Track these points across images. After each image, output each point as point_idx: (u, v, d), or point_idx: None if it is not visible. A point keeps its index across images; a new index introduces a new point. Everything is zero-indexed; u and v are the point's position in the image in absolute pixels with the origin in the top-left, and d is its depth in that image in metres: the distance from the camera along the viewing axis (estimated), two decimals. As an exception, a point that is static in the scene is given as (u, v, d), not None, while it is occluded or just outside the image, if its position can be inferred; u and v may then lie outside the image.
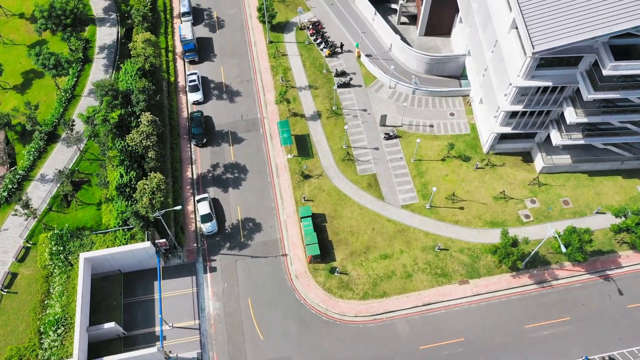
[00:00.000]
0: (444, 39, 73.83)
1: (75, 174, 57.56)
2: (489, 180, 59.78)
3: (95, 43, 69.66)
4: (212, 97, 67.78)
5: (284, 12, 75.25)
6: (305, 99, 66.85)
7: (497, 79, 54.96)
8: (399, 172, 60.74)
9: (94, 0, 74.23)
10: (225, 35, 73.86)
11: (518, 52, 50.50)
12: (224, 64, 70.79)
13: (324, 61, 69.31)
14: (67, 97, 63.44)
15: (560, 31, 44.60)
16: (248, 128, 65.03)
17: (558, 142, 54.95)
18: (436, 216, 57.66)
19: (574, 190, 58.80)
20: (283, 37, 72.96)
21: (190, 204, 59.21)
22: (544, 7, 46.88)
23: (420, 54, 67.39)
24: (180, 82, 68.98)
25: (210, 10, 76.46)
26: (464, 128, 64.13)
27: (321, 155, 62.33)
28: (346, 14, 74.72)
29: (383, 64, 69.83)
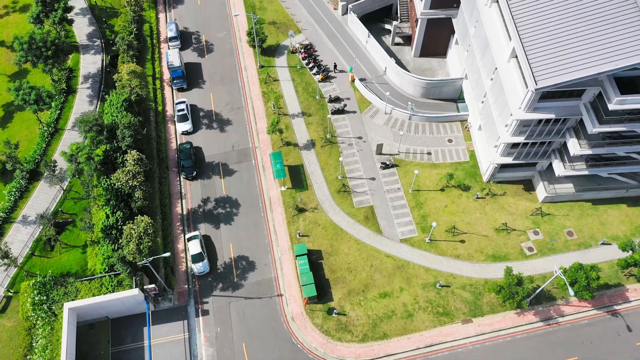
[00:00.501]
0: (440, 59, 71.88)
1: (59, 215, 55.00)
2: (490, 211, 57.76)
3: (79, 72, 67.07)
4: (201, 126, 65.40)
5: (274, 35, 73.00)
6: (299, 127, 64.61)
7: (498, 109, 52.97)
8: (397, 203, 58.61)
9: (77, 27, 71.62)
10: (214, 60, 71.49)
11: (519, 82, 48.56)
12: (214, 91, 68.42)
13: (317, 86, 67.11)
14: (49, 131, 60.86)
15: (563, 65, 42.65)
16: (239, 159, 62.68)
17: (561, 173, 53.02)
18: (436, 250, 55.58)
19: (578, 220, 56.89)
20: (274, 61, 70.67)
21: (181, 242, 56.79)
22: (545, 38, 44.94)
23: (417, 79, 65.38)
24: (169, 111, 66.54)
25: (198, 34, 74.08)
26: (463, 155, 62.09)
27: (316, 187, 60.10)
28: (339, 36, 72.58)
29: (378, 88, 67.77)
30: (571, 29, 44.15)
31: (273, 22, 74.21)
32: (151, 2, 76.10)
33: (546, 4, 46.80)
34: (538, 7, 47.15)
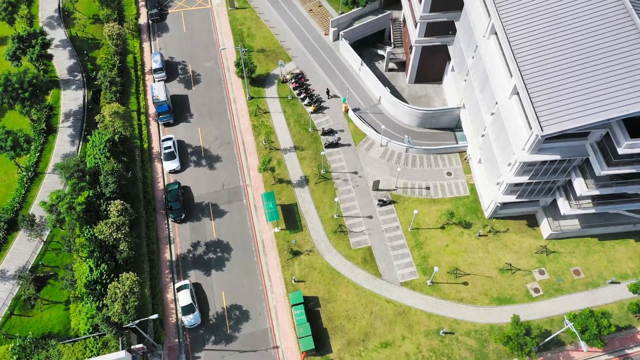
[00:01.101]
0: (436, 85, 69.52)
1: (39, 269, 51.99)
2: (493, 250, 55.38)
3: (60, 109, 64.02)
4: (190, 163, 62.55)
5: (264, 64, 70.29)
6: (291, 162, 61.94)
7: (499, 147, 50.59)
8: (396, 243, 56.09)
9: (57, 60, 68.55)
10: (201, 91, 68.67)
11: (522, 122, 46.21)
12: (202, 125, 65.61)
13: (310, 118, 64.51)
14: (29, 176, 57.81)
15: (570, 109, 40.29)
16: (230, 199, 59.90)
17: (567, 212, 50.71)
18: (439, 294, 53.10)
19: (585, 258, 54.63)
20: (264, 92, 67.97)
21: (170, 291, 53.92)
22: (549, 78, 42.56)
23: (413, 109, 62.96)
24: (155, 148, 63.63)
25: (184, 64, 71.19)
26: (463, 189, 59.70)
27: (311, 227, 57.45)
28: (331, 63, 70.00)
29: (372, 118, 65.26)
30: (577, 68, 41.81)
31: (262, 49, 71.52)
32: (135, 30, 73.24)
33: (549, 40, 44.46)
34: (540, 42, 44.81)
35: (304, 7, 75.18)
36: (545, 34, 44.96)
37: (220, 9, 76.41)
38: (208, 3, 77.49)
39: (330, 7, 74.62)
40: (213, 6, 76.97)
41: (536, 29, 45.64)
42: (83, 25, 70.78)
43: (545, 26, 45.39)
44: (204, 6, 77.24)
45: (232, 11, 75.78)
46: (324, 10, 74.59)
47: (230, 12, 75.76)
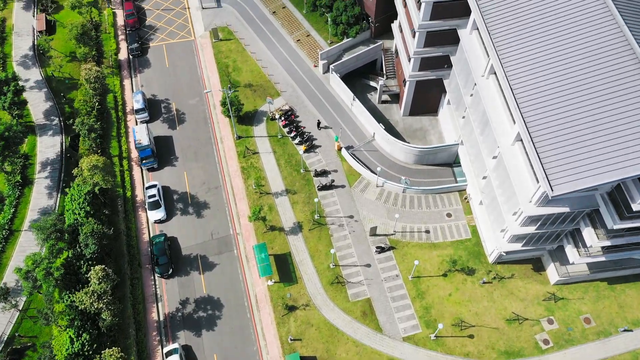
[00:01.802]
0: (431, 117, 66.83)
1: (16, 340, 48.45)
2: (498, 298, 52.66)
3: (36, 158, 60.43)
4: (176, 212, 59.24)
5: (251, 100, 67.16)
6: (283, 207, 58.85)
7: (504, 195, 47.89)
8: (396, 294, 53.19)
9: (32, 103, 64.88)
10: (186, 131, 65.37)
11: (527, 173, 43.56)
12: (188, 169, 62.32)
13: (301, 158, 61.46)
14: (3, 234, 54.19)
15: (583, 167, 37.54)
16: (220, 249, 56.67)
17: (576, 260, 48.10)
18: (443, 349, 50.25)
19: (595, 304, 52.08)
20: (252, 131, 64.82)
21: (158, 356, 50.57)
22: (557, 129, 39.74)
23: (409, 147, 60.18)
24: (139, 196, 60.23)
25: (167, 102, 67.85)
26: (464, 232, 56.95)
27: (306, 278, 54.39)
28: (321, 98, 67.00)
29: (367, 156, 62.41)
30: (588, 119, 39.08)
31: (249, 84, 68.35)
32: (114, 67, 69.79)
33: (555, 85, 41.64)
34: (546, 88, 41.95)
35: (291, 38, 72.14)
36: (551, 78, 42.19)
37: (204, 41, 73.16)
38: (191, 35, 74.22)
39: (319, 37, 71.65)
40: (196, 38, 73.70)
41: (540, 73, 42.88)
42: (59, 65, 67.16)
43: (549, 70, 42.62)
44: (187, 38, 73.95)
45: (216, 43, 72.56)
46: (313, 40, 71.61)
47: (215, 44, 72.55)
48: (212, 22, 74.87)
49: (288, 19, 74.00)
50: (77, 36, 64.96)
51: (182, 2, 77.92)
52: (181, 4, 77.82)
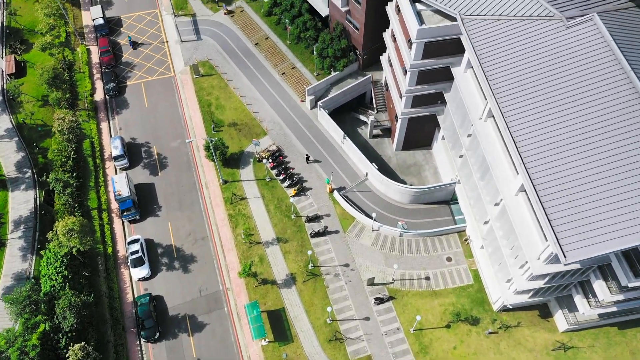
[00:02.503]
0: (425, 152, 64.20)
1: None
2: (505, 349, 50.02)
3: (8, 216, 56.60)
4: (161, 267, 55.80)
5: (236, 140, 63.93)
6: (275, 257, 55.71)
7: (508, 245, 45.25)
8: (398, 349, 50.31)
9: (3, 154, 60.99)
10: (169, 177, 61.92)
11: (534, 227, 40.94)
12: (172, 219, 58.91)
13: (291, 203, 58.35)
14: (-26, 305, 50.45)
15: (599, 230, 34.84)
16: (209, 307, 53.34)
17: (587, 312, 45.56)
18: (451, 408, 47.58)
19: (606, 352, 49.67)
20: (239, 174, 61.57)
21: None
22: (565, 185, 37.09)
23: (404, 188, 57.43)
24: (121, 251, 56.68)
25: (148, 146, 64.33)
26: (466, 277, 54.29)
27: (302, 336, 51.30)
28: (310, 135, 63.96)
29: (360, 197, 59.52)
30: (602, 176, 36.44)
31: (233, 123, 65.13)
32: (90, 109, 66.14)
33: (561, 137, 38.84)
34: (550, 138, 39.04)
35: (276, 71, 69.03)
36: (556, 127, 39.27)
37: (185, 78, 69.76)
38: (170, 71, 70.77)
39: (305, 69, 68.66)
40: (176, 74, 70.29)
41: (545, 121, 39.97)
42: (30, 112, 63.37)
43: (554, 118, 39.68)
44: (167, 74, 70.49)
45: (197, 79, 69.23)
46: (298, 72, 68.59)
47: (196, 80, 69.20)
48: (192, 57, 71.53)
49: (272, 50, 70.92)
50: (48, 80, 61.28)
51: (160, 36, 74.47)
52: (159, 37, 74.37)
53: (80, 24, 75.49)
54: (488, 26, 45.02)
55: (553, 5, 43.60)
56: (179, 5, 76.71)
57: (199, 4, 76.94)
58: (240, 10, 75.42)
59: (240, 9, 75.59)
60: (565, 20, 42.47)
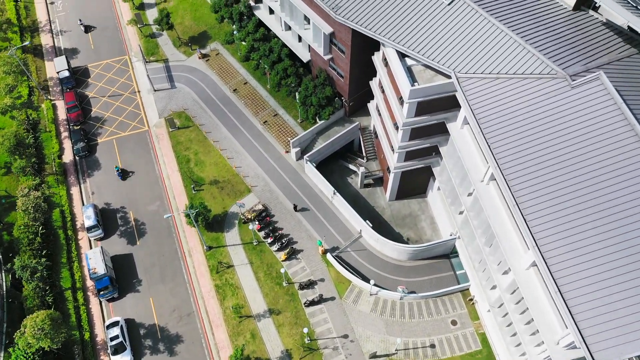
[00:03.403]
0: (421, 200, 60.77)
1: None
2: (521, 423, 46.71)
3: (-28, 306, 51.68)
4: (144, 351, 51.25)
5: (219, 199, 59.69)
6: (268, 332, 51.63)
7: (522, 321, 41.84)
8: None
9: (-36, 233, 56.04)
10: (149, 246, 57.38)
11: (551, 310, 37.59)
12: (154, 293, 54.42)
13: (282, 267, 54.35)
14: (-63, 417, 45.47)
15: (630, 326, 31.61)
16: (200, 394, 49.21)
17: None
18: None
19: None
20: (224, 238, 57.33)
21: None
22: (591, 273, 33.81)
23: (401, 247, 53.88)
24: (99, 335, 52.05)
25: (124, 211, 59.69)
26: (473, 342, 50.88)
27: (303, 422, 47.46)
28: (297, 190, 59.99)
29: (355, 257, 55.82)
30: (630, 260, 33.25)
31: (215, 180, 60.87)
32: (59, 173, 61.28)
33: (573, 209, 35.52)
34: (564, 211, 35.64)
35: (257, 119, 64.97)
36: (569, 195, 35.93)
37: (160, 131, 65.26)
38: (144, 124, 66.20)
39: (288, 116, 64.77)
40: (151, 128, 65.73)
41: (554, 188, 36.73)
42: (-8, 184, 58.50)
43: (565, 184, 36.45)
44: (140, 129, 65.91)
45: (173, 132, 64.79)
46: (281, 120, 64.65)
47: (172, 133, 64.76)
48: (167, 107, 67.06)
49: (251, 97, 66.84)
50: (10, 148, 56.39)
51: (131, 85, 69.81)
52: (130, 87, 69.70)
53: (44, 77, 70.48)
54: (486, 85, 41.67)
55: (555, 62, 40.42)
56: (149, 50, 72.17)
57: (171, 47, 72.49)
58: (215, 54, 71.18)
59: (216, 52, 71.35)
60: (569, 80, 39.30)
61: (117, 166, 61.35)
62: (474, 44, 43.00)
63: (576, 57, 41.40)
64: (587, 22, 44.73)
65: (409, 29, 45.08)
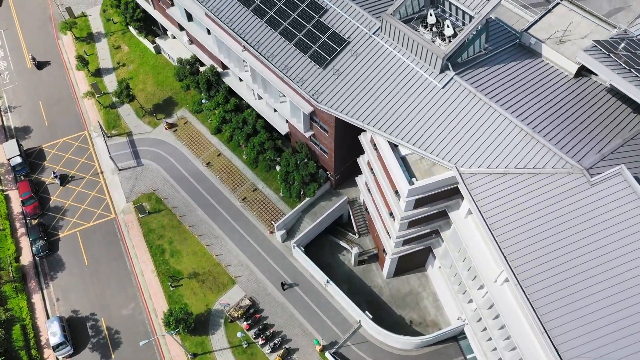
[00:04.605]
0: (420, 275, 56.14)
1: None
2: None
3: None
4: None
5: (200, 295, 53.88)
6: None
7: None
8: None
9: None
10: (125, 359, 51.31)
11: None
12: (135, 417, 48.52)
13: (277, 374, 49.13)
14: None
15: None
16: None
17: None
18: None
19: None
20: (209, 342, 51.64)
21: None
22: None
23: (405, 339, 49.12)
24: None
25: (95, 319, 53.35)
26: None
27: None
28: (286, 277, 54.55)
29: (357, 352, 50.81)
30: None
31: (194, 273, 55.07)
32: (17, 280, 54.66)
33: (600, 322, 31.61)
34: (586, 321, 31.74)
35: (235, 196, 59.41)
36: (595, 306, 32.09)
37: (129, 218, 59.11)
38: (110, 212, 59.94)
39: (269, 190, 59.41)
40: (118, 215, 59.52)
41: (577, 297, 32.78)
42: (-61, 305, 51.56)
43: (589, 292, 32.59)
44: (107, 216, 59.62)
45: (144, 219, 58.74)
46: (262, 195, 59.26)
47: (143, 220, 58.70)
48: (135, 189, 60.95)
49: (227, 170, 61.27)
50: (-43, 263, 49.69)
51: (92, 166, 63.40)
52: (92, 167, 63.27)
53: (-7, 163, 63.69)
54: (493, 181, 37.19)
55: (568, 154, 36.23)
56: (110, 123, 65.91)
57: (134, 118, 66.33)
58: (184, 122, 65.35)
59: (184, 120, 65.54)
60: (587, 175, 35.07)
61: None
62: (476, 134, 38.55)
63: (589, 142, 37.44)
64: (592, 91, 41.00)
65: (400, 117, 40.32)
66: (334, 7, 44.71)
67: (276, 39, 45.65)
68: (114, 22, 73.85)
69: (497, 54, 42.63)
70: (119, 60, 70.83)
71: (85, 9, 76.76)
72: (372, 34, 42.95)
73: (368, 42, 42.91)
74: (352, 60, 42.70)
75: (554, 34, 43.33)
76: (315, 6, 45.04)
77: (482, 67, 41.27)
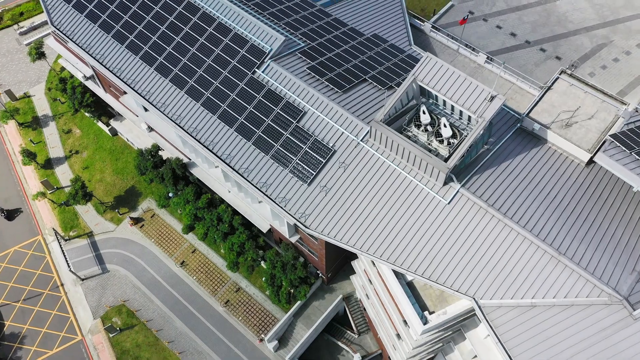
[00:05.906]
0: (429, 370, 51.12)
1: None
2: None
3: None
4: None
5: None
6: None
7: None
8: None
9: None
10: None
11: None
12: None
13: None
14: None
15: None
16: None
17: None
18: None
19: None
20: None
21: None
22: None
23: None
24: None
25: None
26: None
27: None
28: (283, 393, 48.97)
29: None
30: None
31: (179, 400, 48.73)
32: None
33: None
34: None
35: (216, 299, 53.19)
36: None
37: (97, 339, 52.12)
38: (76, 333, 52.77)
39: (254, 288, 53.48)
40: (85, 336, 52.44)
41: None
42: None
43: None
44: (72, 339, 52.43)
45: (116, 338, 51.87)
46: (246, 296, 53.26)
47: (114, 339, 51.82)
48: (101, 302, 53.98)
49: (204, 269, 55.03)
50: None
51: (50, 278, 56.04)
52: (50, 280, 55.90)
53: None
54: (520, 316, 32.34)
55: (602, 279, 31.64)
56: (67, 224, 58.65)
57: (94, 215, 59.23)
58: (150, 215, 58.69)
59: (150, 212, 58.86)
60: (628, 307, 30.57)
61: None
62: (493, 258, 33.64)
63: (620, 256, 33.10)
64: (609, 184, 36.85)
65: (404, 241, 35.02)
66: (312, 110, 39.15)
67: (250, 151, 39.82)
68: (62, 102, 66.53)
69: (500, 147, 38.06)
70: (71, 147, 63.55)
71: (28, 88, 69.07)
72: (359, 140, 37.62)
73: (356, 150, 37.57)
74: (341, 173, 37.26)
75: (558, 116, 39.13)
76: (291, 109, 39.38)
77: (487, 169, 36.53)
